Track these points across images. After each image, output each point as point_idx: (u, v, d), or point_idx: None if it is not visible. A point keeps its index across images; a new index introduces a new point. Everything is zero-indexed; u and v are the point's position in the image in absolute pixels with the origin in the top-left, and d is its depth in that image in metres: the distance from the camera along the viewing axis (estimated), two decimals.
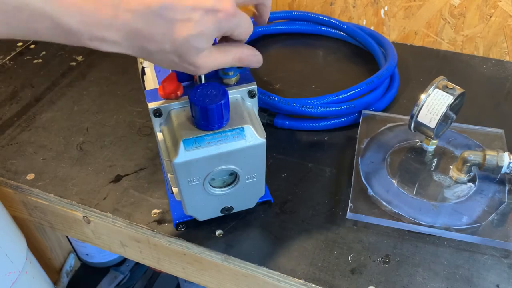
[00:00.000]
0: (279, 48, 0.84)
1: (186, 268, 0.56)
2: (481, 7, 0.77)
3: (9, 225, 0.62)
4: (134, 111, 0.70)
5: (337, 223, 0.53)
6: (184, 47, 0.36)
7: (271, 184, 0.57)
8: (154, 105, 0.43)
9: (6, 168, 0.62)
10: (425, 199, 0.54)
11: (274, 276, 0.50)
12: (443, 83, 0.55)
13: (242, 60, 0.41)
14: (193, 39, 0.36)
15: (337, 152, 0.62)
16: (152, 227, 0.54)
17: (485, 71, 0.76)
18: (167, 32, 0.35)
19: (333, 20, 0.82)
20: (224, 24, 0.37)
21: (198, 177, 0.44)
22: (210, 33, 0.37)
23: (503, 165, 0.53)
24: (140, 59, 0.55)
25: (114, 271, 0.98)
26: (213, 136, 0.42)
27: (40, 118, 0.70)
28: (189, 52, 0.37)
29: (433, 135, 0.56)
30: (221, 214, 0.50)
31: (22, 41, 0.86)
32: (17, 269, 0.61)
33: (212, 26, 0.36)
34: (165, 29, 0.35)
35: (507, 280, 0.47)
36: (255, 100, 0.46)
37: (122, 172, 0.61)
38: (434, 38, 0.84)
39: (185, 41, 0.36)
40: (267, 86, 0.74)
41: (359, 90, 0.65)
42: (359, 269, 0.49)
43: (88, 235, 0.62)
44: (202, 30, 0.36)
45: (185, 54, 0.37)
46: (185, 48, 0.37)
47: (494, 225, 0.51)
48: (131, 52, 0.37)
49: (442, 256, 0.50)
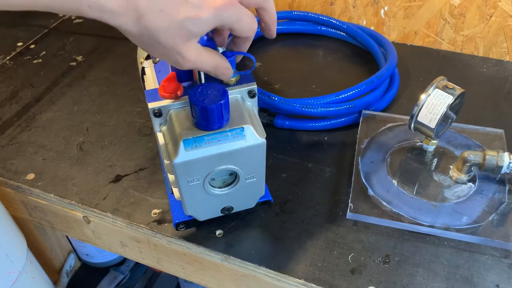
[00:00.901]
0: (279, 48, 0.84)
1: (186, 268, 0.56)
2: (481, 7, 0.77)
3: (9, 225, 0.62)
4: (134, 111, 0.70)
5: (337, 223, 0.53)
6: (179, 28, 0.36)
7: (271, 184, 0.57)
8: (154, 105, 0.44)
9: (6, 168, 0.62)
10: (425, 199, 0.54)
11: (274, 276, 0.50)
12: (443, 83, 0.55)
13: (217, 68, 0.41)
14: (189, 22, 0.36)
15: (337, 152, 0.62)
16: (152, 227, 0.54)
17: (485, 71, 0.76)
18: (165, 8, 0.35)
19: (333, 20, 0.82)
20: (223, 13, 0.37)
21: (198, 177, 0.44)
22: (206, 20, 0.37)
23: (503, 165, 0.53)
24: (140, 59, 0.55)
25: (114, 271, 0.98)
26: (213, 136, 0.42)
27: (40, 118, 0.70)
28: (181, 35, 0.37)
29: (433, 135, 0.56)
30: (221, 214, 0.50)
31: (22, 41, 0.86)
32: (17, 269, 0.61)
33: (209, 13, 0.36)
34: (163, 5, 0.35)
35: (507, 280, 0.47)
36: (255, 100, 0.46)
37: (122, 172, 0.61)
38: (434, 38, 0.84)
39: (181, 22, 0.36)
40: (267, 86, 0.74)
41: (359, 90, 0.65)
42: (359, 269, 0.49)
43: (88, 235, 0.62)
44: (199, 14, 0.36)
45: (176, 37, 0.37)
46: (179, 30, 0.36)
47: (494, 225, 0.51)
48: (128, 27, 0.37)
49: (442, 256, 0.50)
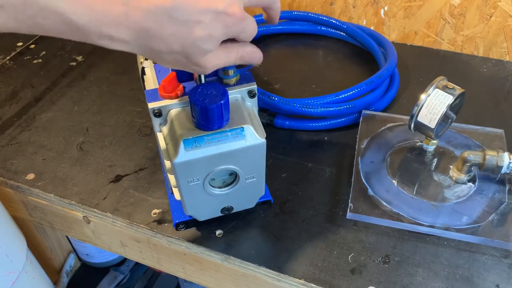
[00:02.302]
0: (279, 48, 0.84)
1: (186, 268, 0.56)
2: (481, 7, 0.77)
3: (9, 225, 0.62)
4: (134, 111, 0.70)
5: (337, 223, 0.53)
6: (192, 48, 0.37)
7: (271, 184, 0.57)
8: (154, 105, 0.44)
9: (6, 168, 0.62)
10: (425, 199, 0.54)
11: (274, 276, 0.50)
12: (443, 83, 0.55)
13: (244, 57, 0.42)
14: (202, 41, 0.36)
15: (337, 152, 0.62)
16: (152, 227, 0.54)
17: (485, 71, 0.76)
18: (176, 32, 0.36)
19: (333, 20, 0.82)
20: (232, 28, 0.38)
21: (198, 177, 0.44)
22: (218, 36, 0.37)
23: (503, 165, 0.53)
24: (140, 59, 0.55)
25: (114, 271, 0.98)
26: (213, 136, 0.42)
27: (40, 118, 0.70)
28: (196, 53, 0.37)
29: (433, 135, 0.56)
30: (221, 214, 0.50)
31: (22, 41, 0.86)
32: (17, 269, 0.61)
33: (221, 29, 0.37)
34: (174, 30, 0.35)
35: (507, 280, 0.47)
36: (255, 100, 0.46)
37: (122, 172, 0.61)
38: (434, 38, 0.84)
39: (193, 42, 0.36)
40: (267, 86, 0.74)
41: (359, 90, 0.65)
42: (359, 269, 0.49)
43: (88, 235, 0.62)
44: (211, 33, 0.36)
45: (192, 55, 0.37)
46: (193, 50, 0.37)
47: (494, 225, 0.51)
48: (139, 52, 0.37)
49: (442, 256, 0.50)
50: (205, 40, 0.36)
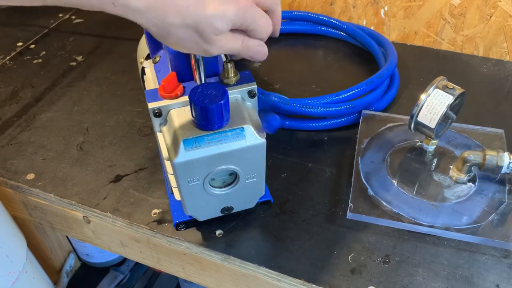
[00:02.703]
0: (279, 48, 0.84)
1: (186, 268, 0.56)
2: (481, 7, 0.77)
3: (9, 225, 0.62)
4: (134, 111, 0.70)
5: (337, 223, 0.53)
6: (206, 24, 0.37)
7: (271, 184, 0.57)
8: (154, 105, 0.43)
9: (6, 168, 0.62)
10: (425, 199, 0.54)
11: (274, 276, 0.50)
12: (443, 83, 0.55)
13: (249, 48, 0.42)
14: (216, 19, 0.37)
15: (337, 152, 0.62)
16: (152, 227, 0.54)
17: (485, 71, 0.76)
18: (192, 5, 0.36)
19: (333, 20, 0.82)
20: (243, 13, 0.38)
21: (198, 177, 0.44)
22: (230, 17, 0.37)
23: (503, 165, 0.53)
24: (140, 59, 0.55)
25: (114, 271, 0.98)
26: (213, 136, 0.42)
27: (40, 118, 0.70)
28: (208, 30, 0.37)
29: (433, 135, 0.56)
30: (221, 214, 0.50)
31: (22, 41, 0.86)
32: (17, 269, 0.61)
33: (233, 10, 0.37)
34: (191, 2, 0.36)
35: (507, 280, 0.47)
36: (255, 100, 0.46)
37: (122, 172, 0.61)
38: (434, 38, 0.84)
39: (208, 18, 0.37)
40: (267, 86, 0.74)
41: (359, 90, 0.64)
42: (359, 269, 0.49)
43: (88, 235, 0.62)
44: (225, 12, 0.37)
45: (204, 32, 0.37)
46: (206, 26, 0.37)
47: (494, 225, 0.51)
48: (151, 25, 0.37)
49: (442, 256, 0.50)
50: (219, 18, 0.37)
